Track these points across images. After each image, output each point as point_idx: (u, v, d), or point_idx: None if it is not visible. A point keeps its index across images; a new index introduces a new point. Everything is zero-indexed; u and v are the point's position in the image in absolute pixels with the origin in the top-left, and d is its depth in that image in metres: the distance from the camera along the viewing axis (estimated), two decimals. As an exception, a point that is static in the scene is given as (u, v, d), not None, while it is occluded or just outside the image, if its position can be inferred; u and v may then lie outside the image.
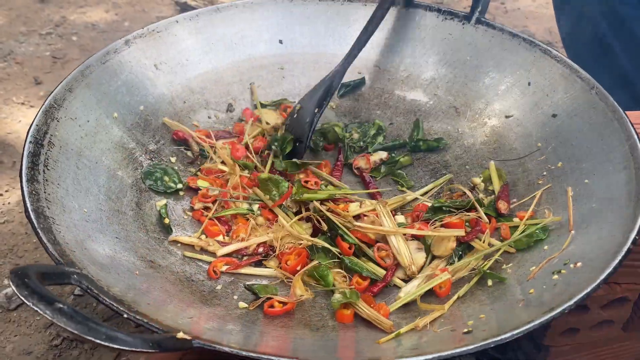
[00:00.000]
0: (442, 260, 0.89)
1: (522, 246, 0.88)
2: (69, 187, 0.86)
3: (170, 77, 1.11)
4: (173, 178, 1.01)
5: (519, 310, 0.74)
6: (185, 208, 1.00)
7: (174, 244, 0.93)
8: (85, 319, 0.57)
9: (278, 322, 0.81)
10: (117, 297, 0.69)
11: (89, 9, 1.94)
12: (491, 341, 0.64)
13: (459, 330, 0.73)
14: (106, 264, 0.78)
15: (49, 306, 0.57)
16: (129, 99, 1.04)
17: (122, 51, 1.06)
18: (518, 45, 1.11)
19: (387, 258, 0.89)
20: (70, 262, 0.72)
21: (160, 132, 1.07)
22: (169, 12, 1.95)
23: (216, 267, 0.89)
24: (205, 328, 0.75)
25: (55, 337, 1.11)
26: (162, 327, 0.65)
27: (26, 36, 1.81)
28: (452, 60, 1.16)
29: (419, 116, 1.15)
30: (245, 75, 1.18)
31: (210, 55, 1.16)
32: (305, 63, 1.21)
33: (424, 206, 0.98)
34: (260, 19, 1.19)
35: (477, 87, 1.13)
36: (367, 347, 0.75)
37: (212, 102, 1.15)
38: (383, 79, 1.21)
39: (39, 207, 0.78)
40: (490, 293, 0.81)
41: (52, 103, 0.92)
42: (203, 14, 1.16)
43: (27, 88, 1.61)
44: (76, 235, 0.79)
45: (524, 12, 2.07)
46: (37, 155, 0.85)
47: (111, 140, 0.98)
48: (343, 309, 0.82)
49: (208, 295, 0.85)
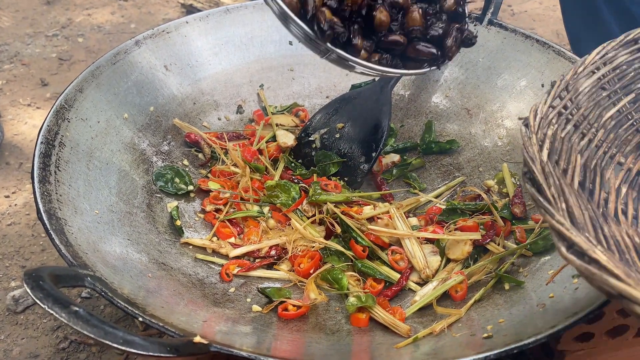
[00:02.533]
0: (457, 263, 0.88)
1: (538, 249, 0.87)
2: (80, 188, 0.85)
3: (180, 78, 1.11)
4: (184, 180, 1.00)
5: (539, 314, 0.73)
6: (196, 210, 0.99)
7: (186, 246, 0.92)
8: (102, 323, 0.56)
9: (292, 326, 0.80)
10: (130, 300, 0.68)
11: (95, 11, 1.94)
12: (514, 346, 0.63)
13: (478, 335, 0.72)
14: (118, 266, 0.77)
15: (64, 309, 0.56)
16: (139, 100, 1.04)
17: (132, 52, 1.05)
18: (531, 46, 1.10)
19: (401, 261, 0.88)
20: (83, 264, 0.71)
21: (171, 133, 1.06)
22: (175, 14, 1.94)
23: (228, 269, 0.88)
24: (219, 331, 0.74)
25: (62, 340, 1.10)
26: (178, 330, 0.64)
27: (32, 38, 1.80)
28: (463, 62, 1.16)
29: (431, 118, 1.14)
30: (255, 76, 1.17)
31: (220, 56, 1.15)
32: (315, 65, 1.20)
33: (437, 209, 0.97)
34: (270, 19, 1.18)
35: (490, 89, 1.12)
36: (383, 352, 0.74)
37: (222, 104, 1.14)
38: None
39: (51, 208, 0.77)
40: (508, 297, 0.80)
41: (62, 104, 0.91)
42: (213, 15, 1.16)
43: (33, 89, 1.60)
44: (88, 237, 0.78)
45: (531, 15, 2.06)
46: (49, 156, 0.84)
47: (122, 141, 0.97)
48: (358, 313, 0.81)
49: (221, 298, 0.84)
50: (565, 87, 0.70)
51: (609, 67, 0.74)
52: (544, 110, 0.65)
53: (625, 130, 0.74)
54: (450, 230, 0.90)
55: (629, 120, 0.75)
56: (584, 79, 0.71)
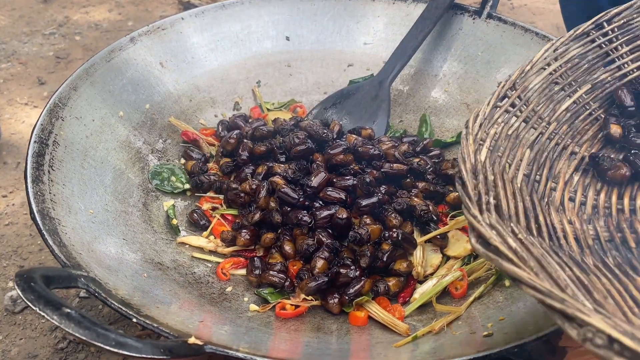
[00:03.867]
0: (457, 260, 0.87)
1: (539, 245, 0.86)
2: (74, 187, 0.84)
3: (176, 74, 1.09)
4: (180, 178, 0.99)
5: (540, 311, 0.71)
6: (193, 208, 0.97)
7: (182, 245, 0.91)
8: (94, 324, 0.55)
9: (290, 325, 0.79)
10: (125, 301, 0.67)
11: (92, 9, 1.93)
12: (515, 344, 0.62)
13: (478, 333, 0.71)
14: (113, 266, 0.76)
15: (56, 311, 0.55)
16: (135, 98, 1.02)
17: (128, 49, 1.04)
18: (530, 40, 1.08)
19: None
20: (76, 265, 0.70)
21: (167, 131, 1.05)
22: (173, 12, 1.93)
23: (224, 268, 0.87)
24: (216, 331, 0.73)
25: (61, 340, 1.09)
26: (172, 331, 0.63)
27: (29, 36, 1.79)
28: (462, 56, 1.14)
29: (426, 112, 1.13)
30: (252, 72, 1.16)
31: (216, 52, 1.14)
32: (312, 60, 1.19)
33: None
34: (267, 15, 1.17)
35: (489, 83, 1.11)
36: (382, 351, 0.73)
37: (218, 101, 1.13)
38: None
39: (44, 208, 0.76)
40: (509, 294, 0.79)
41: (56, 102, 0.90)
42: (209, 11, 1.14)
43: (30, 88, 1.59)
44: (82, 237, 0.77)
45: (531, 8, 2.04)
46: (42, 155, 0.83)
47: (117, 140, 0.96)
48: (356, 311, 0.80)
49: (218, 297, 0.83)
50: (512, 85, 0.71)
51: (560, 61, 0.76)
52: (487, 112, 0.67)
53: (582, 121, 0.77)
54: (452, 223, 0.88)
55: (586, 110, 0.77)
56: (533, 76, 0.73)
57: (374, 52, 1.17)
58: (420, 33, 1.11)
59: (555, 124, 0.73)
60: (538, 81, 0.73)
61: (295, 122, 1.02)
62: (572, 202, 0.70)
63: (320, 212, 0.85)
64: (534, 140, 0.70)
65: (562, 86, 0.76)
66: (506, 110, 0.69)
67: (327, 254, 0.82)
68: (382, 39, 1.17)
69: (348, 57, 1.17)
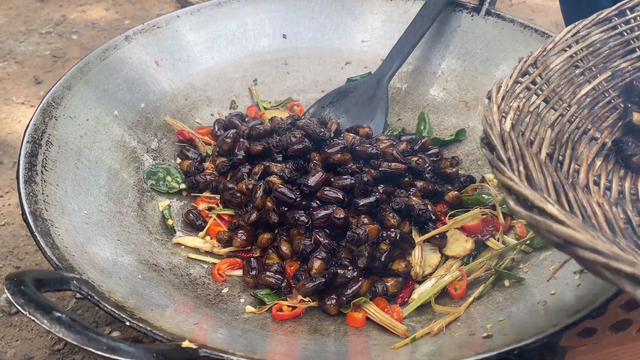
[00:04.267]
0: (456, 260, 0.86)
1: (539, 244, 0.85)
2: (68, 188, 0.83)
3: (171, 73, 1.08)
4: (176, 178, 0.98)
5: (540, 312, 0.70)
6: (189, 208, 0.96)
7: (178, 245, 0.90)
8: (85, 329, 0.54)
9: (287, 327, 0.78)
10: (118, 304, 0.66)
11: (88, 8, 1.92)
12: (515, 347, 0.61)
13: (478, 335, 0.70)
14: (107, 268, 0.75)
15: (46, 315, 0.54)
16: (130, 97, 1.01)
17: (122, 47, 1.03)
18: (530, 36, 1.07)
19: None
20: (69, 267, 0.69)
21: (162, 130, 1.04)
22: (170, 10, 1.92)
23: (220, 269, 0.86)
24: (211, 334, 0.72)
25: (57, 341, 1.08)
26: (166, 335, 0.62)
27: (26, 35, 1.78)
28: (461, 53, 1.13)
29: (425, 110, 1.12)
30: (249, 70, 1.15)
31: (212, 50, 1.13)
32: (309, 58, 1.17)
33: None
34: (263, 12, 1.16)
35: (488, 81, 1.10)
36: (380, 353, 0.72)
37: (214, 99, 1.12)
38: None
39: (37, 209, 0.75)
40: (509, 294, 0.78)
41: (50, 101, 0.89)
42: (205, 9, 1.13)
43: (27, 87, 1.58)
44: (76, 238, 0.76)
45: (530, 5, 2.03)
46: (35, 156, 0.82)
47: (111, 139, 0.95)
48: (354, 312, 0.79)
49: (214, 299, 0.82)
50: (534, 62, 0.70)
51: (582, 45, 0.74)
52: (509, 85, 0.65)
53: (601, 108, 0.74)
54: (452, 222, 0.87)
55: (605, 97, 0.75)
56: (554, 56, 0.72)
57: (372, 49, 1.15)
58: (419, 30, 1.10)
59: (575, 107, 0.71)
60: (559, 62, 0.71)
61: (292, 120, 1.02)
62: (597, 186, 0.68)
63: (318, 212, 0.84)
64: (554, 121, 0.68)
65: (582, 70, 0.74)
66: (527, 87, 0.68)
67: (324, 255, 0.81)
68: (379, 37, 1.16)
69: (345, 54, 1.16)
